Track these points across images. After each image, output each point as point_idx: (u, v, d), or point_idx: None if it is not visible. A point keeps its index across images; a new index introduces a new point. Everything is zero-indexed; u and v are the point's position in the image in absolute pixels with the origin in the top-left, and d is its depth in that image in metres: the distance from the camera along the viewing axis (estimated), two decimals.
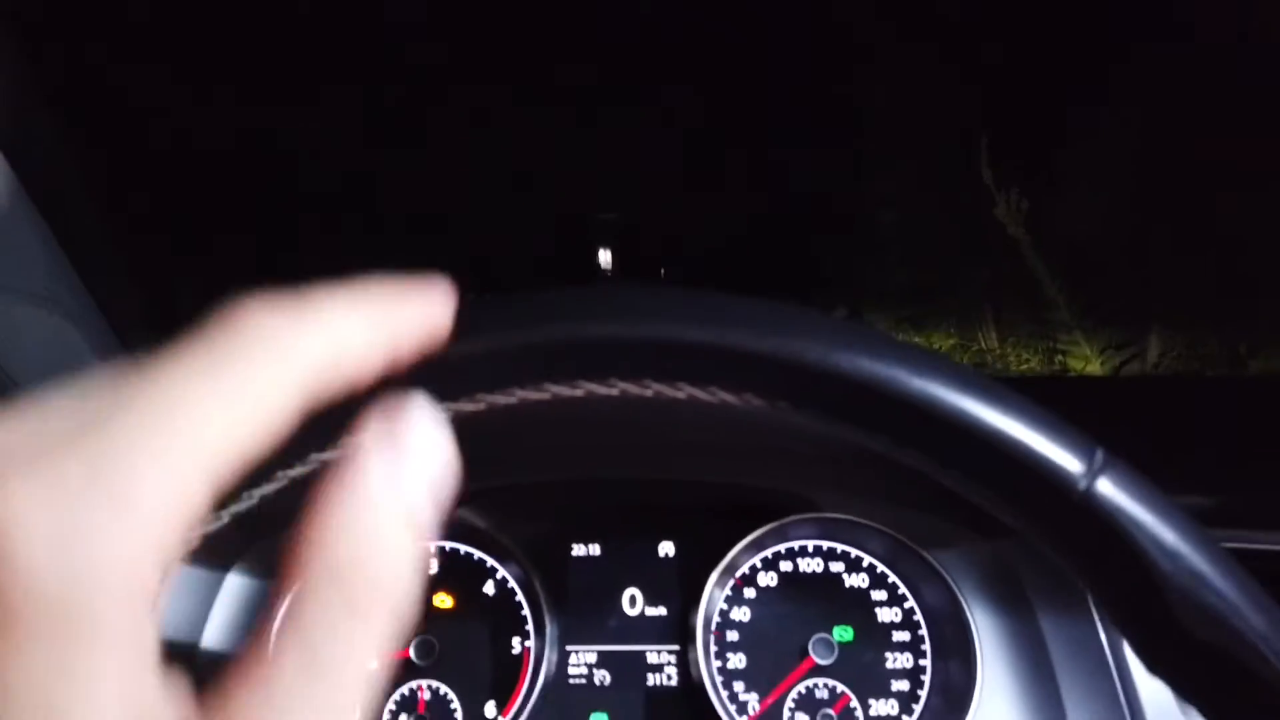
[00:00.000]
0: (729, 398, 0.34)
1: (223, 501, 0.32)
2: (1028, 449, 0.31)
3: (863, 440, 0.34)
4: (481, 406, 0.34)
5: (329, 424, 0.28)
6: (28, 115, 0.65)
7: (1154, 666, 0.33)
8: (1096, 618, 0.60)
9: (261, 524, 0.67)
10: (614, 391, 0.35)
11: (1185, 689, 0.33)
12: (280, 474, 0.32)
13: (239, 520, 0.60)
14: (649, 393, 0.34)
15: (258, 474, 0.31)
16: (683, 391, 0.34)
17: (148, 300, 0.81)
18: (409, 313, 0.25)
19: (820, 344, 0.32)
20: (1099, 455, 0.31)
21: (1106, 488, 0.31)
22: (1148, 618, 0.32)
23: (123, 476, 0.16)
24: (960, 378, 0.32)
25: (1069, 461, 0.31)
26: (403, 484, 0.20)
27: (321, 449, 0.32)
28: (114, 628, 0.16)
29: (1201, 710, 0.33)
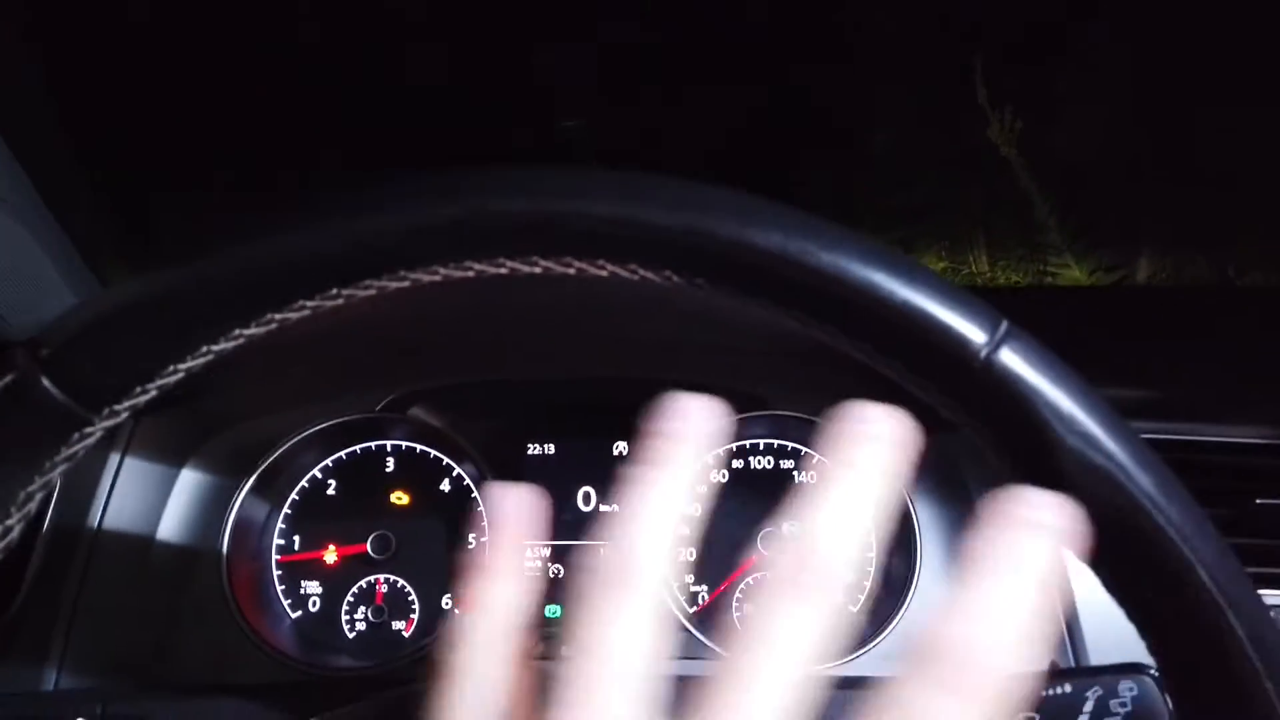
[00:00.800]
0: (649, 275, 0.34)
1: (149, 375, 0.32)
2: (933, 319, 0.31)
3: (779, 316, 0.34)
4: (437, 277, 0.34)
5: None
6: None
7: None
8: None
9: (214, 421, 0.68)
10: (537, 270, 0.35)
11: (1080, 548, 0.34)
12: (204, 349, 0.32)
13: (186, 416, 0.60)
14: (571, 270, 0.34)
15: (147, 368, 0.31)
16: (605, 270, 0.34)
17: (101, 201, 0.80)
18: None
19: (731, 219, 0.32)
20: (1003, 326, 0.32)
21: (1007, 356, 0.31)
22: (1043, 479, 0.33)
23: None
24: (870, 252, 0.32)
25: (972, 331, 0.31)
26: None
27: (245, 324, 0.33)
28: None
29: (1095, 570, 0.34)
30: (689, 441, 0.28)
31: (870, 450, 0.27)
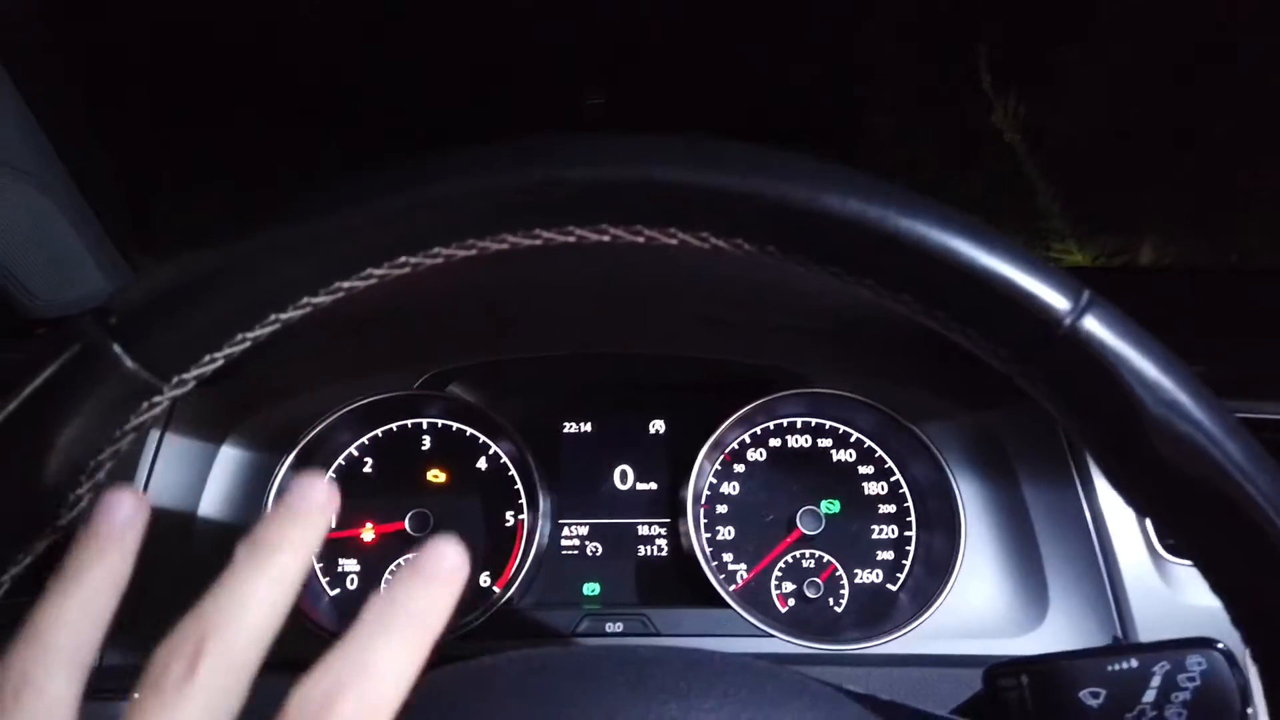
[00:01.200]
0: (720, 243, 0.33)
1: (217, 343, 0.32)
2: (1016, 286, 0.31)
3: (850, 284, 0.34)
4: (505, 246, 0.33)
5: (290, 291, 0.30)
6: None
7: (1132, 497, 0.33)
8: (1079, 484, 0.61)
9: (253, 397, 0.67)
10: (605, 238, 0.34)
11: (1163, 517, 0.33)
12: (273, 317, 0.32)
13: (226, 392, 0.59)
14: (640, 239, 0.34)
15: (217, 337, 0.31)
16: (675, 238, 0.33)
17: (121, 171, 0.79)
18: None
19: (806, 184, 0.31)
20: (1085, 294, 0.31)
21: (1090, 323, 0.31)
22: (1127, 449, 0.32)
23: None
24: (950, 219, 0.31)
25: (1055, 299, 0.31)
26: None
27: (314, 293, 0.32)
28: None
29: (1176, 537, 0.33)
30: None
31: (288, 529, 0.27)
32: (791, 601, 0.65)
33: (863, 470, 0.68)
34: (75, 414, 0.32)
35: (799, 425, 0.69)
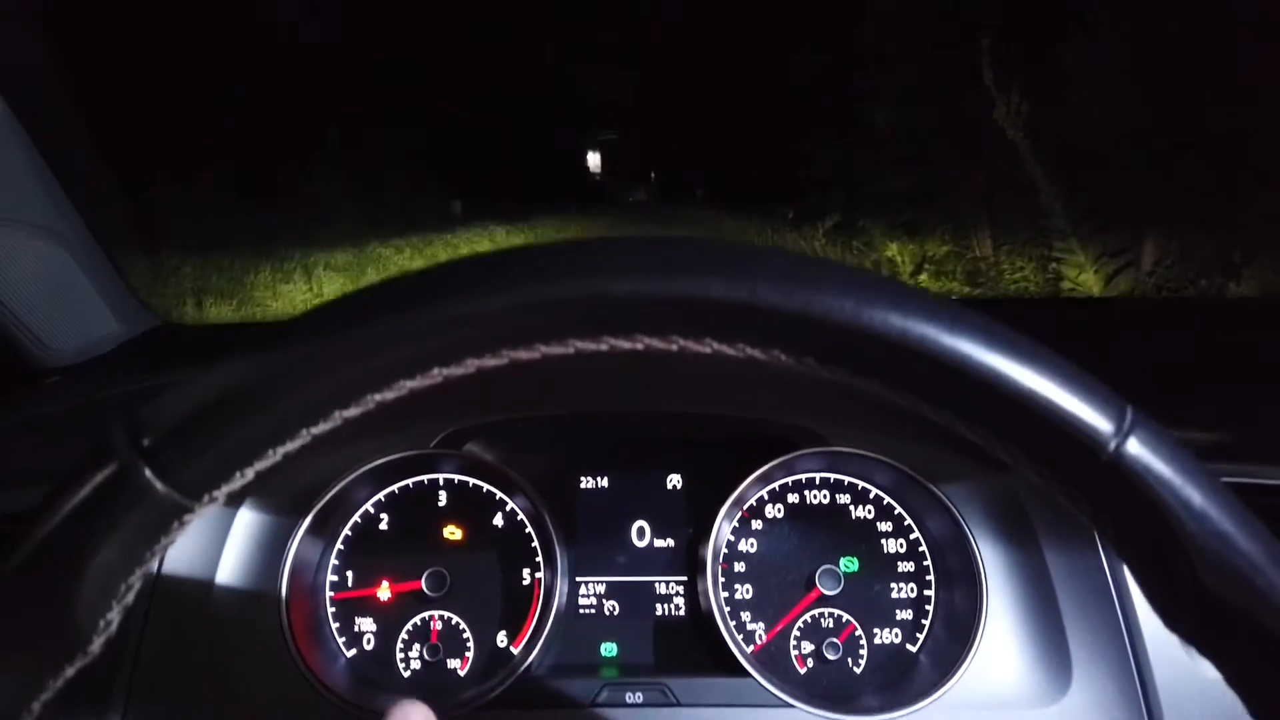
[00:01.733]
0: (757, 354, 0.33)
1: (248, 460, 0.32)
2: (1059, 409, 0.30)
3: (890, 398, 0.33)
4: (536, 355, 0.33)
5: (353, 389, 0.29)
6: (21, 51, 0.62)
7: (1176, 624, 0.33)
8: (1101, 550, 0.60)
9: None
10: (639, 347, 0.34)
11: (1207, 648, 0.33)
12: (304, 432, 0.32)
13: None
14: (674, 348, 0.33)
15: (249, 455, 0.31)
16: (709, 348, 0.33)
17: (139, 225, 0.79)
18: None
19: (848, 301, 0.31)
20: (1129, 414, 0.31)
21: (1135, 448, 0.30)
22: (1173, 577, 0.32)
23: None
24: (991, 335, 0.31)
25: (1099, 422, 0.30)
26: None
27: (345, 406, 0.32)
28: None
29: (1221, 668, 0.33)
30: None
31: None
32: (810, 663, 0.65)
33: (881, 527, 0.68)
34: (107, 541, 0.32)
35: (817, 481, 0.69)
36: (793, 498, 0.69)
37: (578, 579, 0.68)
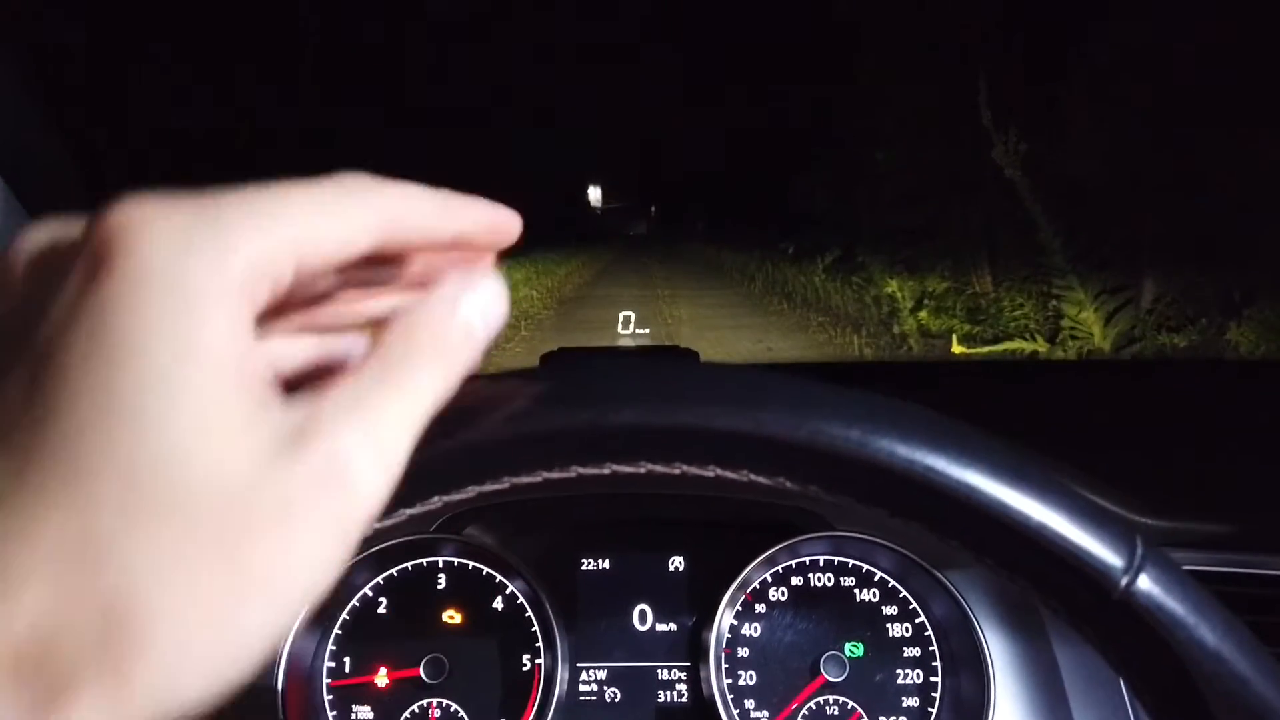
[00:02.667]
0: (762, 480, 0.33)
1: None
2: (1066, 545, 0.30)
3: (897, 523, 0.33)
4: (506, 486, 0.33)
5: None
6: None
7: None
8: None
9: None
10: (641, 471, 0.33)
11: None
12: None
13: None
14: (677, 472, 0.33)
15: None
16: (712, 473, 0.33)
17: None
18: (477, 214, 0.29)
19: (853, 431, 0.30)
20: (1139, 549, 0.30)
21: (1146, 585, 0.30)
22: (1187, 716, 0.32)
23: (230, 232, 0.22)
24: (998, 466, 0.30)
25: (1109, 557, 0.30)
26: (474, 304, 0.27)
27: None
28: (214, 306, 0.21)
29: None
30: None
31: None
32: None
33: (886, 611, 0.67)
34: None
35: (821, 564, 0.68)
36: (796, 580, 0.68)
37: (578, 665, 0.67)
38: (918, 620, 0.67)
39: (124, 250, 0.20)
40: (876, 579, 0.68)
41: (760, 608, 0.67)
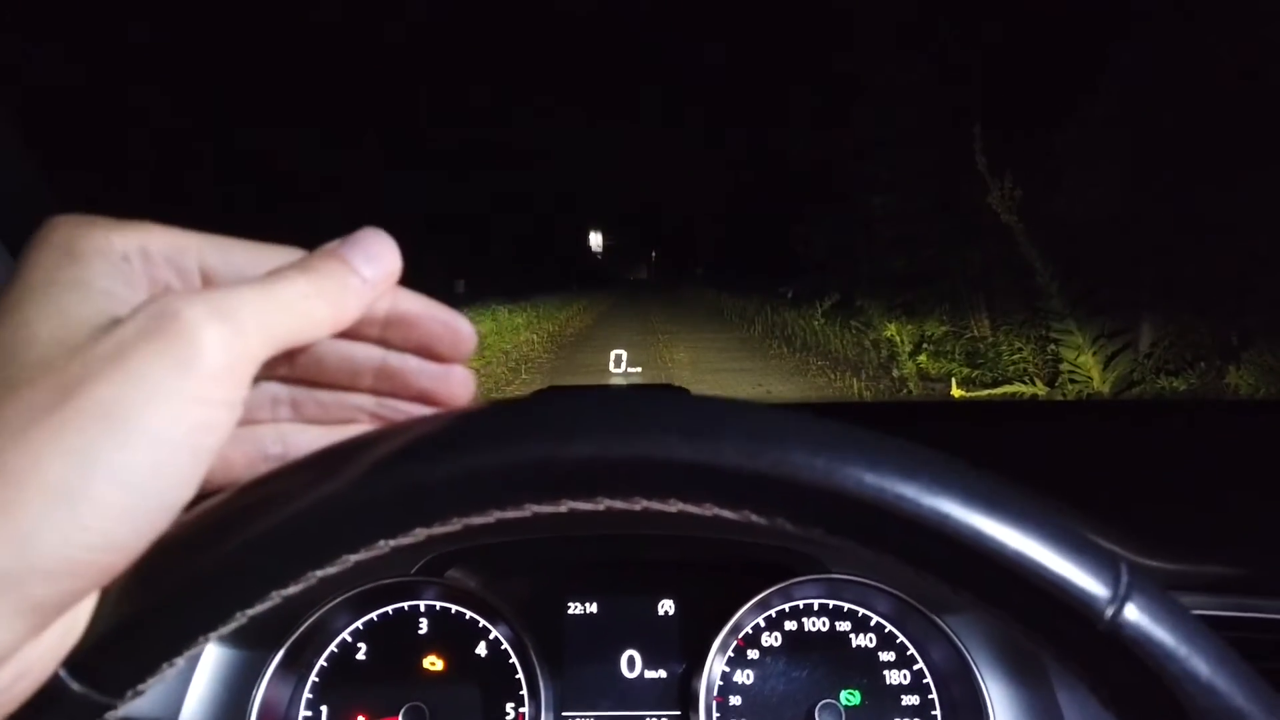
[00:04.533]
0: (727, 514, 0.31)
1: (177, 651, 0.29)
2: (1046, 575, 0.29)
3: (870, 556, 0.32)
4: (458, 527, 0.32)
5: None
6: None
7: None
8: None
9: None
10: (599, 507, 0.32)
11: None
12: (202, 638, 0.30)
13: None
14: (637, 508, 0.32)
15: (176, 646, 0.28)
16: (674, 507, 0.31)
17: None
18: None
19: (818, 460, 0.29)
20: (1124, 577, 0.29)
21: (1134, 614, 0.28)
22: None
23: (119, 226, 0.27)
24: (972, 492, 0.29)
25: (1092, 587, 0.28)
26: (355, 244, 0.30)
27: (249, 605, 0.29)
28: (87, 247, 0.26)
29: None
30: None
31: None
32: None
33: (883, 657, 0.65)
34: None
35: (815, 608, 0.66)
36: (790, 625, 0.66)
37: (564, 713, 0.64)
38: (916, 667, 0.64)
39: (36, 236, 0.26)
40: (873, 624, 0.66)
41: (753, 654, 0.65)
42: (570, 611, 0.67)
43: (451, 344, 0.32)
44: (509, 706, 0.64)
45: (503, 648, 0.65)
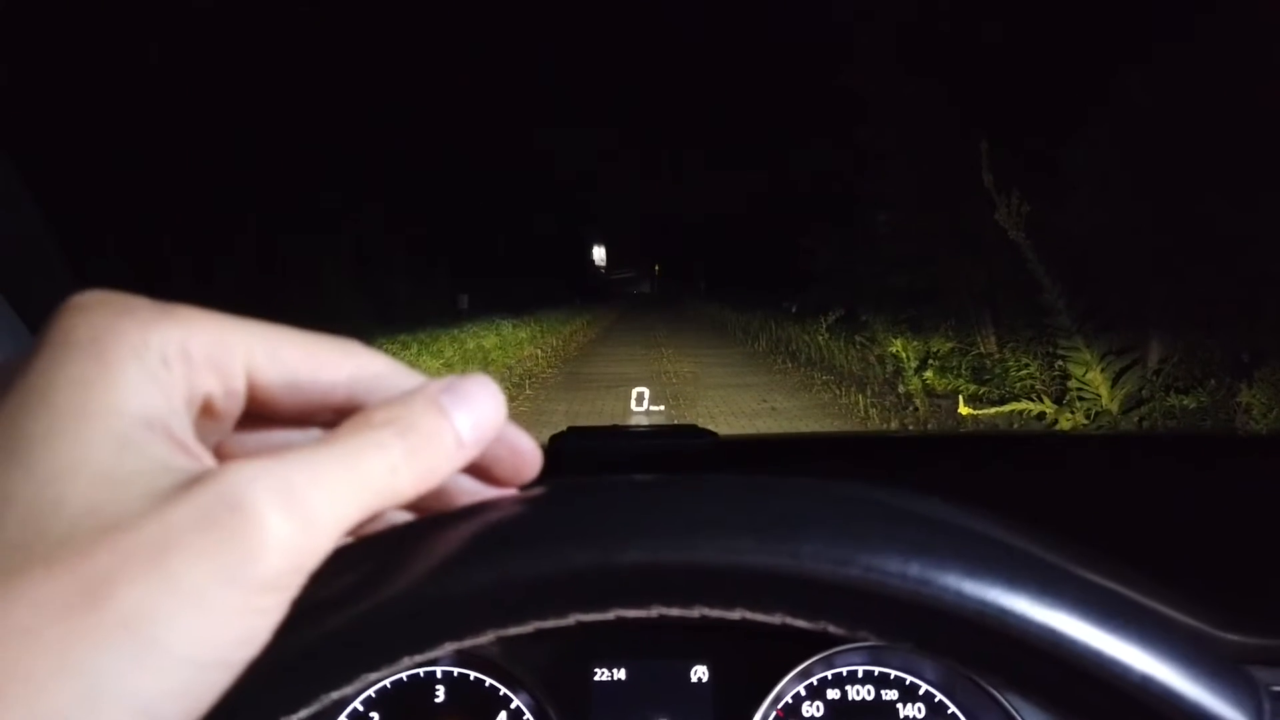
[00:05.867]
0: (803, 624, 0.28)
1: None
2: (1180, 703, 0.24)
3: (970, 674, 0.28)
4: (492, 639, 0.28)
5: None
6: None
7: None
8: None
9: None
10: (654, 614, 0.28)
11: None
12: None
13: None
14: (695, 615, 0.28)
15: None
16: (739, 615, 0.28)
17: None
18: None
19: (912, 566, 0.25)
20: (1266, 704, 0.25)
21: None
22: None
23: (160, 316, 0.23)
24: (1089, 605, 0.25)
25: (1230, 715, 0.24)
26: (466, 414, 0.25)
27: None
28: (121, 366, 0.21)
29: None
30: None
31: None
32: None
33: None
34: None
35: (860, 675, 0.62)
36: (833, 694, 0.62)
37: None
38: None
39: (58, 324, 0.21)
40: (921, 692, 0.61)
41: None
42: (597, 678, 0.63)
43: (512, 468, 0.28)
44: None
45: (525, 717, 0.61)
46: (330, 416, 0.25)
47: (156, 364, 0.21)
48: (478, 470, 0.28)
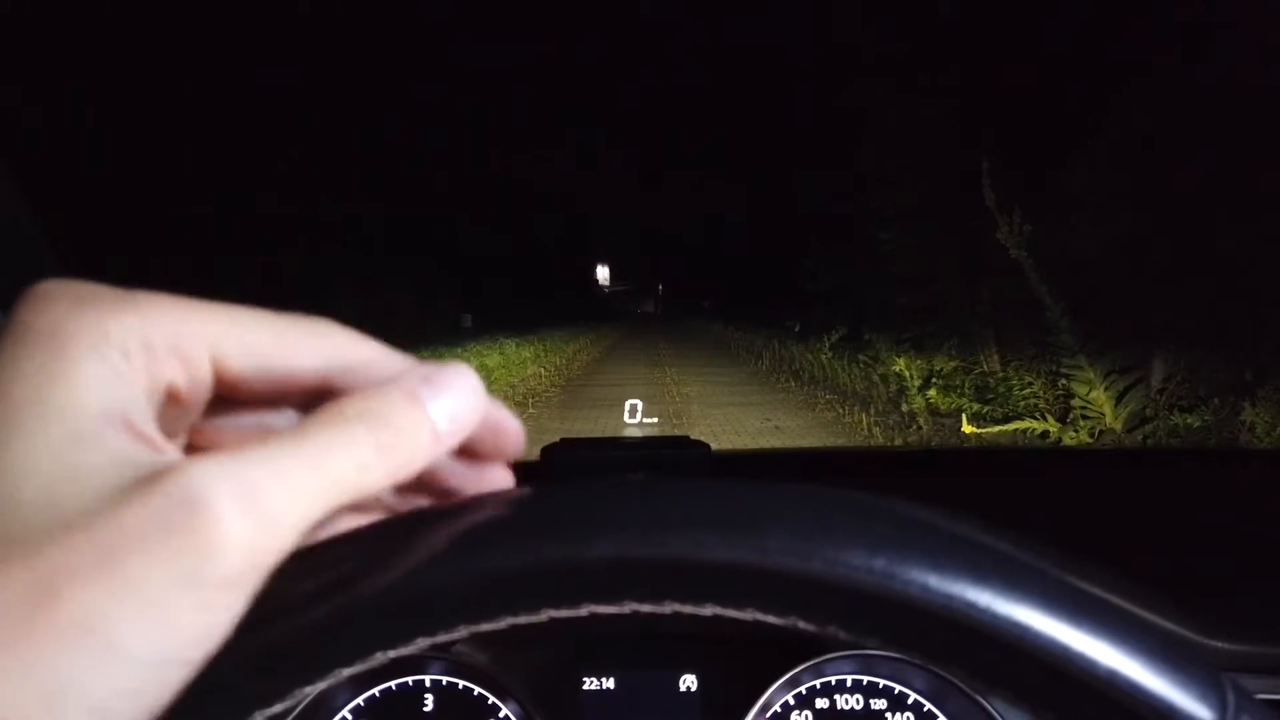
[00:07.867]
0: (773, 619, 0.28)
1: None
2: (1144, 696, 0.24)
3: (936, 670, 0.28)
4: (465, 634, 0.28)
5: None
6: None
7: None
8: None
9: None
10: (626, 611, 0.28)
11: None
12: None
13: None
14: (667, 611, 0.28)
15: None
16: (709, 611, 0.28)
17: None
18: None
19: (878, 560, 0.25)
20: (1230, 697, 0.25)
21: None
22: None
23: (122, 305, 0.22)
24: (1056, 599, 0.25)
25: (1197, 710, 0.24)
26: (442, 404, 0.25)
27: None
28: (82, 358, 0.21)
29: None
30: None
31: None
32: None
33: None
34: None
35: (849, 684, 0.62)
36: (821, 703, 0.61)
37: None
38: None
39: (18, 315, 0.21)
40: (910, 702, 0.61)
41: None
42: (585, 687, 0.63)
43: (494, 445, 0.28)
44: None
45: None
46: (305, 398, 0.25)
47: (116, 355, 0.21)
48: (459, 447, 0.27)
